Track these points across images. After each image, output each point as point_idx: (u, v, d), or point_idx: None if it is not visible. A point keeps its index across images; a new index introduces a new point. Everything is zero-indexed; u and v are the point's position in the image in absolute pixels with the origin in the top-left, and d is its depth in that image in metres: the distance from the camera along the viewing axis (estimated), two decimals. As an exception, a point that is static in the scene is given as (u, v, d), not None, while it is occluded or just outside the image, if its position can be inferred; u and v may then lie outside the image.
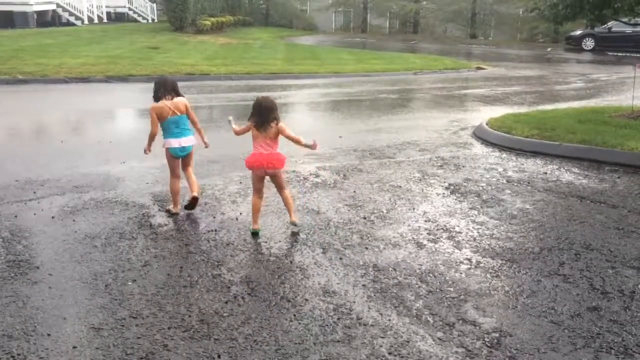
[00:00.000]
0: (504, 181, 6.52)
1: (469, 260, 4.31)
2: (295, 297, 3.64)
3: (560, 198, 5.90)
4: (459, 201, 5.77)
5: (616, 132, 8.20)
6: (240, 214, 5.18)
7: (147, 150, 5.19)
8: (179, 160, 5.21)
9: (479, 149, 8.31)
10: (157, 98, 5.00)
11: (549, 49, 32.11)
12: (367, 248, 4.50)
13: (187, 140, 5.16)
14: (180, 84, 5.34)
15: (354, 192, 5.99)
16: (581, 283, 3.93)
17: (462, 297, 3.70)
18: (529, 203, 5.72)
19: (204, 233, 4.70)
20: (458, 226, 5.04)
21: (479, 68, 21.53)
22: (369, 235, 4.75)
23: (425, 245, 4.58)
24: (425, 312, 3.49)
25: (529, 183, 6.44)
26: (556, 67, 22.70)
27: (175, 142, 5.10)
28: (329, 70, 18.47)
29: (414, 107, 12.72)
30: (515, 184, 6.41)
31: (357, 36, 38.02)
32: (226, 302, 3.55)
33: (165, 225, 4.86)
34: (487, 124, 9.32)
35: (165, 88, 4.99)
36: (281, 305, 3.53)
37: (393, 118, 10.57)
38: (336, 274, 4.01)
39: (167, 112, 5.00)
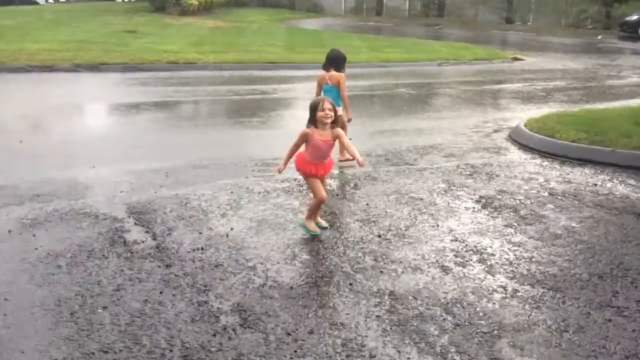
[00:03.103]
0: (546, 194, 6.51)
1: (504, 288, 4.30)
2: (297, 329, 3.63)
3: (613, 215, 5.88)
4: (492, 217, 5.76)
5: (680, 137, 8.18)
6: (232, 229, 5.19)
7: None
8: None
9: (515, 155, 8.31)
10: (324, 68, 7.38)
11: (599, 37, 32.15)
12: (382, 272, 4.49)
13: None
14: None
15: (367, 205, 6.00)
16: (638, 317, 3.91)
17: (495, 332, 3.68)
18: (576, 220, 5.71)
19: (189, 252, 4.71)
20: (491, 247, 5.02)
21: (515, 59, 21.58)
22: (384, 257, 4.75)
23: (451, 269, 4.57)
24: (452, 350, 3.47)
25: (575, 196, 6.43)
26: (608, 59, 22.74)
27: None
28: (338, 59, 18.52)
29: (439, 105, 12.75)
30: (559, 197, 6.40)
31: (370, 20, 38.19)
32: (214, 335, 3.55)
33: (143, 242, 4.87)
34: (525, 126, 9.32)
35: (328, 60, 7.40)
36: (280, 339, 3.52)
37: (413, 117, 10.60)
38: (345, 303, 4.00)
39: (323, 81, 7.34)
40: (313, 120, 4.99)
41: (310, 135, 4.98)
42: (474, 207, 6.03)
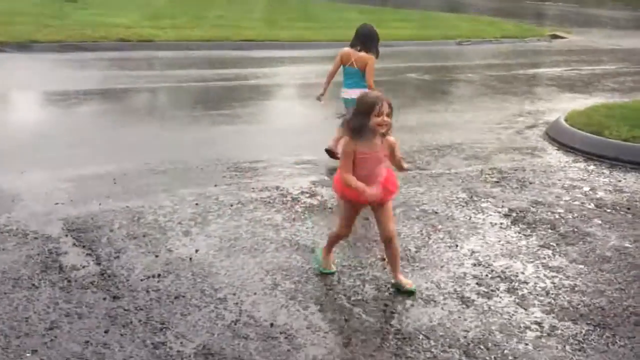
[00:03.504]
0: (592, 206, 6.54)
1: (539, 324, 4.31)
2: (278, 378, 3.62)
3: (676, 232, 5.92)
4: (525, 235, 5.78)
5: None
6: (196, 251, 5.18)
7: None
8: (348, 109, 7.28)
9: (554, 156, 8.35)
10: (352, 45, 7.51)
11: (658, 9, 32.42)
12: (386, 305, 4.49)
13: (354, 93, 6.97)
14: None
15: (367, 220, 5.99)
16: None
17: (528, 380, 3.69)
18: (629, 239, 5.73)
19: (142, 280, 4.68)
20: (523, 273, 5.04)
21: (554, 36, 21.74)
22: (388, 286, 4.75)
23: (473, 301, 4.58)
24: (474, 403, 3.47)
25: (628, 209, 6.46)
26: (669, 37, 22.91)
27: (344, 92, 7.60)
28: (330, 36, 18.58)
29: (458, 94, 12.81)
30: (609, 210, 6.43)
31: (373, -13, 38.34)
32: (173, 385, 3.53)
33: (83, 267, 4.85)
34: (566, 120, 9.39)
35: (358, 36, 7.49)
36: (256, 390, 3.51)
37: (426, 110, 10.64)
38: (341, 344, 3.99)
39: (347, 61, 7.48)
40: (362, 124, 4.33)
41: (354, 146, 4.40)
42: (501, 223, 6.04)
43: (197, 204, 6.18)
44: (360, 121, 4.33)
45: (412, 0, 32.27)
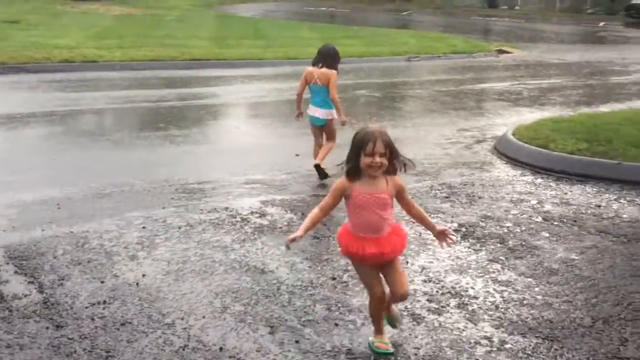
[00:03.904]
0: (539, 219, 6.65)
1: (489, 339, 4.35)
2: (227, 403, 3.59)
3: (621, 243, 6.04)
4: (474, 250, 5.84)
5: (698, 145, 8.50)
6: (144, 276, 5.12)
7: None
8: (318, 128, 7.94)
9: (502, 170, 8.48)
10: (314, 63, 7.85)
11: (601, 24, 33.29)
12: (337, 325, 4.49)
13: (319, 112, 7.77)
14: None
15: (318, 239, 6.01)
16: (653, 370, 4.02)
17: (479, 395, 3.72)
18: (576, 251, 5.84)
19: (87, 307, 4.61)
20: (473, 288, 5.09)
21: (501, 51, 22.14)
22: (340, 305, 4.75)
23: (424, 317, 4.61)
24: (425, 421, 3.49)
25: (575, 222, 6.58)
26: (612, 50, 23.55)
27: (310, 110, 7.86)
28: (280, 55, 18.68)
29: (407, 110, 12.94)
30: (556, 222, 6.54)
31: (323, 4, 38.62)
32: (120, 415, 3.47)
33: (25, 295, 4.75)
34: (513, 135, 9.53)
35: (320, 55, 7.86)
36: (205, 416, 3.47)
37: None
38: (290, 366, 3.98)
39: (311, 79, 7.77)
40: (355, 165, 3.91)
41: (348, 187, 3.95)
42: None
43: (144, 227, 6.12)
44: (353, 161, 3.90)
45: (361, 17, 32.59)
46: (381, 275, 4.06)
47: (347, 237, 4.04)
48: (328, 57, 7.83)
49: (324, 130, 7.95)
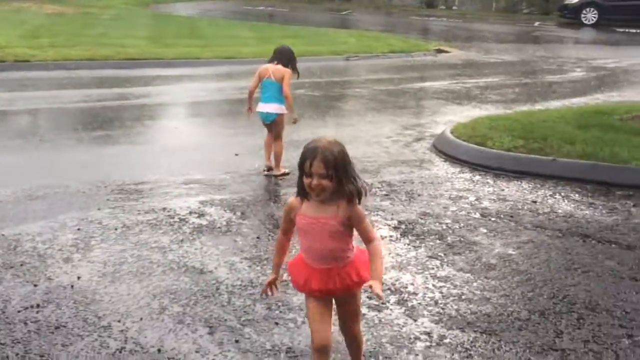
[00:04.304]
0: (477, 215, 6.76)
1: (429, 334, 4.41)
2: (166, 405, 3.56)
3: (556, 237, 6.19)
4: (414, 247, 5.91)
5: (630, 142, 8.77)
6: (78, 278, 5.04)
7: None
8: (268, 124, 8.03)
9: (441, 168, 8.59)
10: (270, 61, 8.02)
11: (536, 24, 34.03)
12: (277, 324, 4.49)
13: (269, 107, 7.88)
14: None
15: (258, 238, 6.00)
16: (587, 360, 4.13)
17: (418, 390, 3.76)
18: (513, 246, 5.96)
19: (19, 311, 4.51)
20: (412, 284, 5.15)
21: (439, 51, 22.41)
22: (280, 304, 4.75)
23: (364, 315, 4.64)
24: (365, 417, 3.51)
25: (512, 217, 6.72)
26: (547, 50, 24.07)
27: (260, 107, 7.96)
28: (218, 54, 18.54)
29: (347, 109, 13.00)
30: (493, 218, 6.67)
31: (261, 3, 38.52)
32: (54, 420, 3.41)
33: (-45, 301, 4.63)
34: (452, 133, 9.66)
35: (276, 53, 8.01)
36: (143, 419, 3.44)
37: (314, 125, 10.74)
38: (230, 366, 3.97)
39: (265, 74, 7.88)
40: (300, 184, 3.43)
41: (295, 208, 3.49)
42: (391, 236, 6.17)
43: (79, 229, 6.01)
44: (299, 179, 3.41)
45: (300, 17, 32.59)
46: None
47: (295, 263, 3.60)
48: (284, 57, 7.97)
49: (272, 127, 8.01)
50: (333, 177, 3.28)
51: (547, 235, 6.22)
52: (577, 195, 7.46)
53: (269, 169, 8.04)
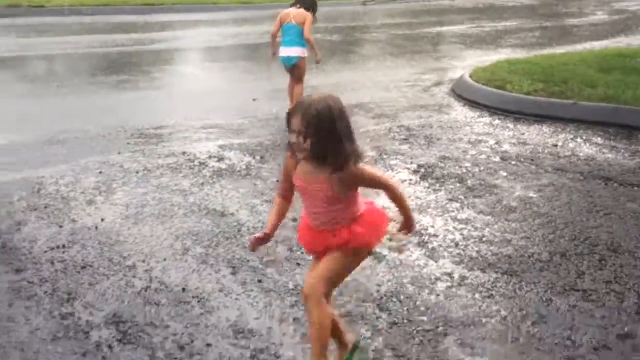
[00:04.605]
0: (497, 159, 6.73)
1: (449, 275, 4.43)
2: (192, 341, 3.61)
3: (577, 180, 6.16)
4: (434, 190, 5.91)
5: (652, 84, 8.66)
6: (102, 220, 5.09)
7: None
8: (290, 68, 8.10)
9: (460, 112, 8.54)
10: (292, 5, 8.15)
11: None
12: (299, 264, 4.52)
13: (291, 51, 7.97)
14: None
15: (277, 181, 6.00)
16: (608, 301, 4.13)
17: (440, 329, 3.80)
18: (534, 189, 5.94)
19: (46, 252, 4.58)
20: (432, 226, 5.16)
21: (457, -6, 22.09)
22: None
23: (385, 256, 4.65)
24: (388, 354, 3.56)
25: (532, 160, 6.68)
26: (568, -7, 23.64)
27: (282, 51, 8.04)
28: (235, -1, 18.41)
29: (364, 54, 12.90)
30: (514, 162, 6.64)
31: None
32: (84, 355, 3.48)
33: (-18, 241, 4.70)
34: (470, 77, 9.59)
35: None
36: (170, 354, 3.50)
37: (333, 70, 10.67)
38: (254, 305, 4.01)
39: (286, 18, 7.98)
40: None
41: (293, 166, 3.15)
42: (410, 179, 6.16)
43: (100, 172, 6.05)
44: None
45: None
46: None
47: (301, 223, 3.37)
48: (306, 1, 8.06)
49: (294, 70, 8.06)
50: (312, 136, 2.89)
51: (569, 178, 6.20)
52: (598, 138, 7.40)
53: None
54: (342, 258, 3.19)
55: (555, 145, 7.15)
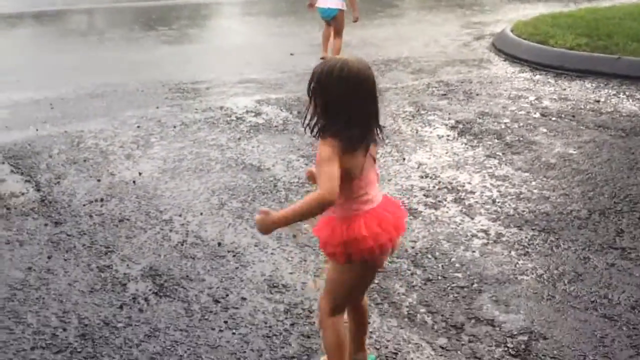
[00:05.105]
0: (537, 115, 6.62)
1: (486, 232, 4.39)
2: (227, 295, 3.64)
3: (619, 137, 6.04)
4: (471, 146, 5.83)
5: (700, 39, 8.41)
6: (140, 174, 5.13)
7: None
8: (328, 20, 8.19)
9: (500, 67, 8.40)
10: None
11: None
12: (334, 219, 4.52)
13: (330, 2, 8.01)
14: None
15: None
16: (647, 259, 4.08)
17: (475, 286, 3.78)
18: (574, 146, 5.84)
19: (84, 205, 4.64)
20: (469, 183, 5.10)
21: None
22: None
23: (421, 212, 4.64)
24: (422, 311, 3.55)
25: (573, 116, 6.56)
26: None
27: (320, 2, 8.11)
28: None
29: (403, 7, 12.70)
30: (554, 118, 6.52)
31: None
32: (121, 307, 3.53)
33: (23, 194, 4.77)
34: (512, 31, 9.41)
35: None
36: (205, 307, 3.53)
37: (370, 24, 10.53)
38: (288, 259, 4.03)
39: None
40: None
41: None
42: (448, 135, 6.09)
43: (138, 127, 6.09)
44: None
45: None
46: None
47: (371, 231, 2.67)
48: None
49: (333, 23, 7.99)
50: (311, 99, 2.60)
51: (610, 135, 6.07)
52: (642, 94, 7.24)
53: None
54: (334, 265, 2.79)
55: (598, 101, 7.00)
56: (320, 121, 2.59)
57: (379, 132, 2.65)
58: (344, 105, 2.55)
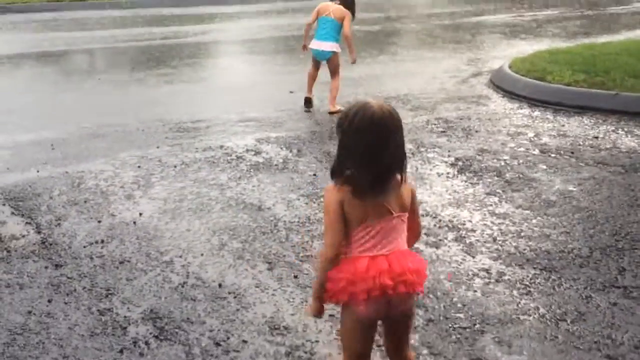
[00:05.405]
0: (537, 151, 6.64)
1: (487, 271, 4.38)
2: (228, 337, 3.62)
3: (618, 174, 6.04)
4: (471, 184, 5.84)
5: (697, 75, 8.46)
6: (140, 214, 5.13)
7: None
8: (319, 62, 8.13)
9: (499, 104, 8.44)
10: None
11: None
12: (335, 259, 4.51)
13: (325, 45, 7.92)
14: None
15: (314, 175, 6.00)
16: (650, 298, 4.06)
17: (477, 326, 3.76)
18: (574, 183, 5.84)
19: (85, 247, 4.63)
20: (470, 221, 5.10)
21: (497, -17, 21.83)
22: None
23: (422, 251, 4.63)
24: (424, 352, 3.53)
25: (572, 153, 6.57)
26: (610, -20, 23.23)
27: (314, 44, 7.99)
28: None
29: (402, 44, 12.81)
30: (553, 155, 6.54)
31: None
32: (121, 352, 3.51)
33: (23, 236, 4.76)
34: (510, 67, 9.47)
35: None
36: (206, 351, 3.51)
37: (371, 61, 10.61)
38: (290, 301, 4.01)
39: (325, 11, 7.91)
40: None
41: None
42: (448, 173, 6.10)
43: (139, 167, 6.11)
44: None
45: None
46: None
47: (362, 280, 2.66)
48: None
49: (327, 65, 8.02)
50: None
51: (609, 172, 6.08)
52: (640, 130, 7.27)
53: (308, 101, 8.09)
54: (341, 314, 2.80)
55: (596, 138, 7.03)
56: (334, 164, 2.62)
57: (402, 181, 2.66)
58: (352, 151, 2.55)
